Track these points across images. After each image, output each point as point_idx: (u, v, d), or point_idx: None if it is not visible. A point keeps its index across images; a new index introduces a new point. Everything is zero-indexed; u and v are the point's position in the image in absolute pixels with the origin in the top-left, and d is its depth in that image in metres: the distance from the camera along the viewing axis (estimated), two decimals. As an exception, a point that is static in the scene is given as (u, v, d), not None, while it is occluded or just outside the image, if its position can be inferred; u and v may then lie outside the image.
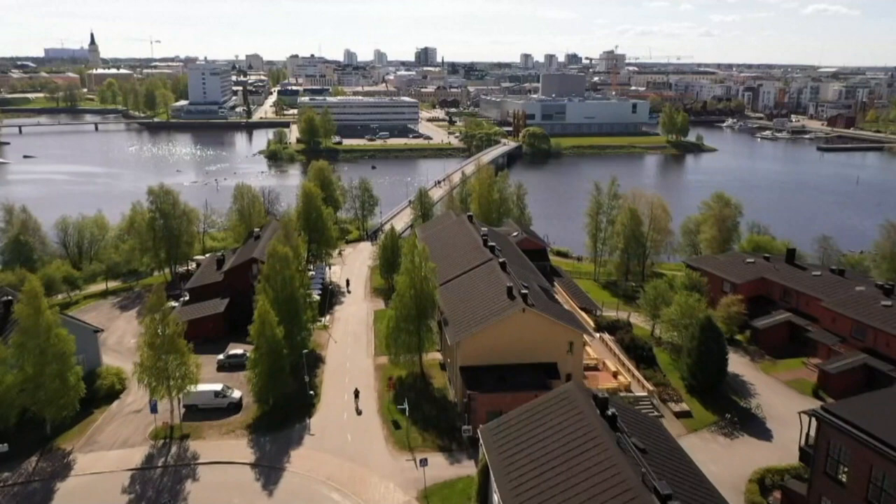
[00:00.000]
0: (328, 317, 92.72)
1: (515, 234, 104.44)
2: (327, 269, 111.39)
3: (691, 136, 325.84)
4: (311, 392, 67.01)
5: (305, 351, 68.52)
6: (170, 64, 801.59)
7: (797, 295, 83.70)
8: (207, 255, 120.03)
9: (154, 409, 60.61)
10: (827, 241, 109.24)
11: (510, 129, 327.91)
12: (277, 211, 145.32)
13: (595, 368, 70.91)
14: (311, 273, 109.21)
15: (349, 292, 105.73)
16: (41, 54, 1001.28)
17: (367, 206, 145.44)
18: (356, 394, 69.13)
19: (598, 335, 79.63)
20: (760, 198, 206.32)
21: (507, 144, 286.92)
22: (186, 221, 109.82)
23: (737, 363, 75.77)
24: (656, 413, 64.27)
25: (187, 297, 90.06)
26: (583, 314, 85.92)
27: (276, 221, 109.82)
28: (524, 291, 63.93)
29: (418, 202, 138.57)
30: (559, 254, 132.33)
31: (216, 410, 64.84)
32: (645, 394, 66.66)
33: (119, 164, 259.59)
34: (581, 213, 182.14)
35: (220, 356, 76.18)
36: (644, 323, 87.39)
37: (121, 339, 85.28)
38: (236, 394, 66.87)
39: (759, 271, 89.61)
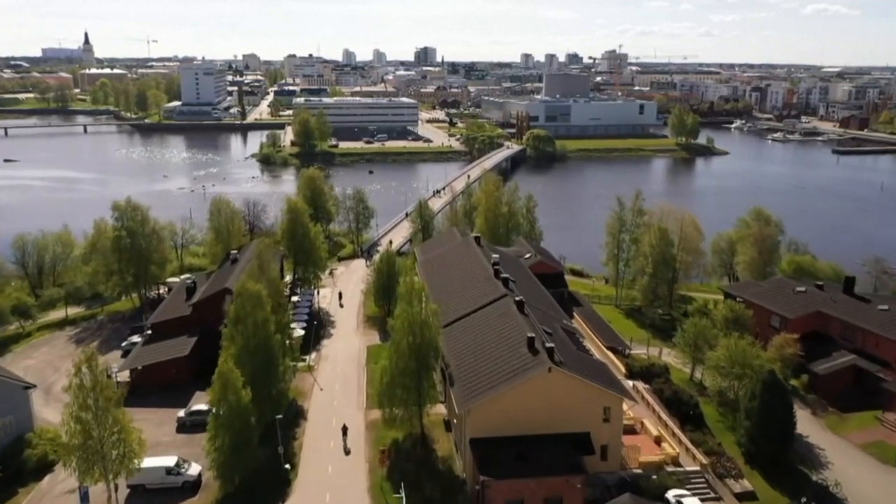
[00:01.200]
0: (314, 354, 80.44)
1: (528, 255, 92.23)
2: (315, 294, 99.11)
3: (701, 139, 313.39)
4: (287, 466, 54.57)
5: (279, 417, 55.99)
6: (166, 64, 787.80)
7: (863, 334, 71.45)
8: (183, 276, 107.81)
9: (85, 500, 48.27)
10: (881, 265, 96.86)
11: (513, 130, 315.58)
12: (264, 224, 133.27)
13: (632, 431, 58.55)
14: (296, 299, 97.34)
15: (342, 306, 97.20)
16: (39, 54, 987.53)
17: (363, 218, 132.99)
18: (344, 431, 60.73)
19: (631, 383, 67.36)
20: (781, 206, 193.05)
21: (511, 147, 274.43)
22: (157, 240, 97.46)
23: (797, 417, 63.43)
24: (713, 495, 52.03)
25: (150, 333, 77.64)
26: (610, 355, 73.70)
27: (257, 241, 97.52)
28: (550, 345, 51.56)
29: (417, 215, 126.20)
30: (574, 272, 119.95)
31: (168, 491, 52.53)
32: (697, 468, 54.33)
33: (104, 169, 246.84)
34: (592, 223, 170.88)
35: (181, 412, 63.75)
36: (682, 365, 75.10)
37: (70, 384, 72.78)
38: (194, 469, 54.49)
39: (813, 303, 77.31)
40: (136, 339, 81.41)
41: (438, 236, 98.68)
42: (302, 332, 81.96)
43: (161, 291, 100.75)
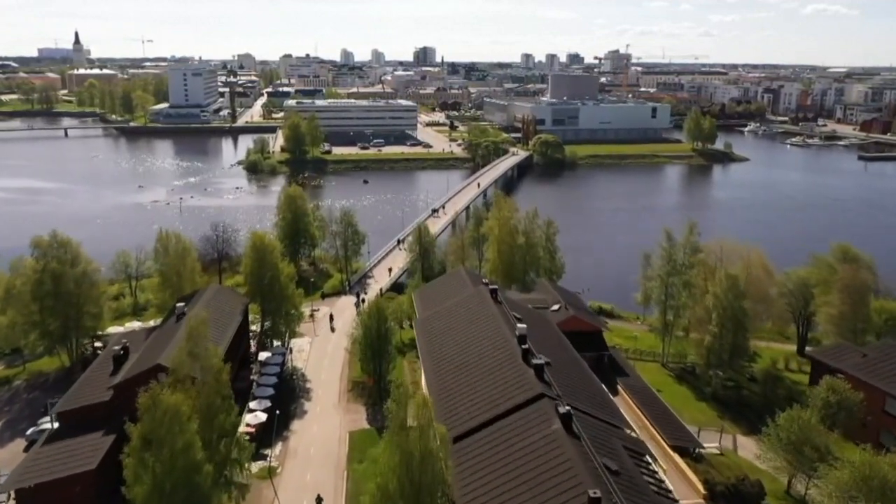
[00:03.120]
0: (278, 447, 60.95)
1: (556, 306, 72.69)
2: (288, 352, 79.58)
3: (718, 143, 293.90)
4: None
5: None
6: (158, 64, 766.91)
7: None
8: (128, 326, 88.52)
9: None
10: None
11: (518, 135, 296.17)
12: (235, 252, 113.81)
13: None
14: (264, 356, 78.01)
15: (333, 330, 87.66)
16: (35, 54, 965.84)
17: (352, 244, 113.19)
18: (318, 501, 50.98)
19: (714, 512, 47.91)
20: (826, 222, 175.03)
21: (518, 154, 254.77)
22: (89, 284, 77.85)
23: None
24: None
25: (56, 425, 57.96)
26: (677, 460, 54.16)
27: (216, 287, 78.03)
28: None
29: (416, 242, 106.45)
30: (602, 312, 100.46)
31: None
32: None
33: (77, 178, 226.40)
34: (613, 243, 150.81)
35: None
36: (774, 470, 55.57)
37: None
38: None
39: (945, 384, 57.93)
40: (44, 424, 61.93)
41: (443, 279, 78.91)
42: (264, 417, 62.60)
43: (97, 345, 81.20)
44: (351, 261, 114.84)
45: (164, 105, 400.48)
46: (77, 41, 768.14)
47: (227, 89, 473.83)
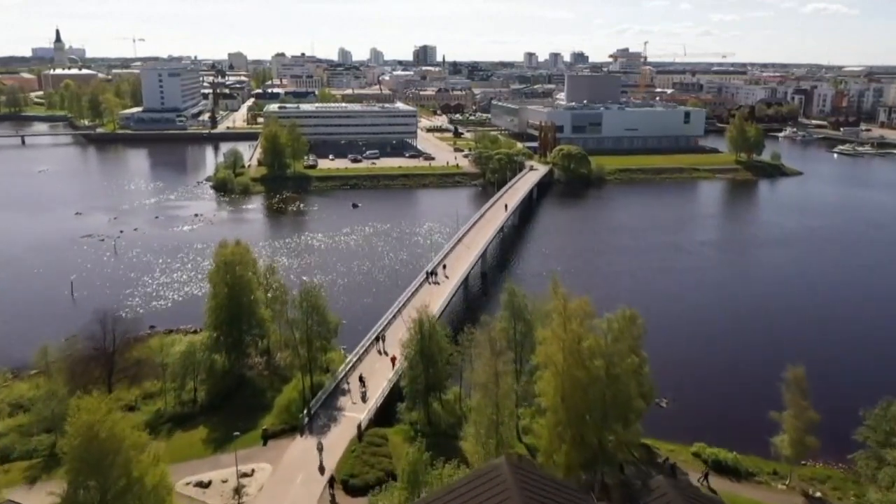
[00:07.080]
0: None
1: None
2: None
3: (765, 154, 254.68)
4: None
5: None
6: (145, 63, 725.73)
7: None
8: None
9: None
10: None
11: (532, 144, 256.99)
12: (136, 369, 74.43)
13: None
14: None
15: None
16: (29, 54, 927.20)
17: (319, 335, 73.92)
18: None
19: None
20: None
21: (537, 169, 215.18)
22: None
23: None
24: None
25: None
26: None
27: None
28: None
29: (415, 343, 67.14)
30: (721, 469, 61.29)
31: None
32: None
33: (5, 201, 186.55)
34: (682, 312, 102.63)
35: None
36: None
37: None
38: None
39: None
40: None
41: (473, 491, 40.05)
42: None
43: None
44: (317, 360, 75.72)
45: (137, 109, 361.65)
46: (58, 39, 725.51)
47: (210, 91, 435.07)
